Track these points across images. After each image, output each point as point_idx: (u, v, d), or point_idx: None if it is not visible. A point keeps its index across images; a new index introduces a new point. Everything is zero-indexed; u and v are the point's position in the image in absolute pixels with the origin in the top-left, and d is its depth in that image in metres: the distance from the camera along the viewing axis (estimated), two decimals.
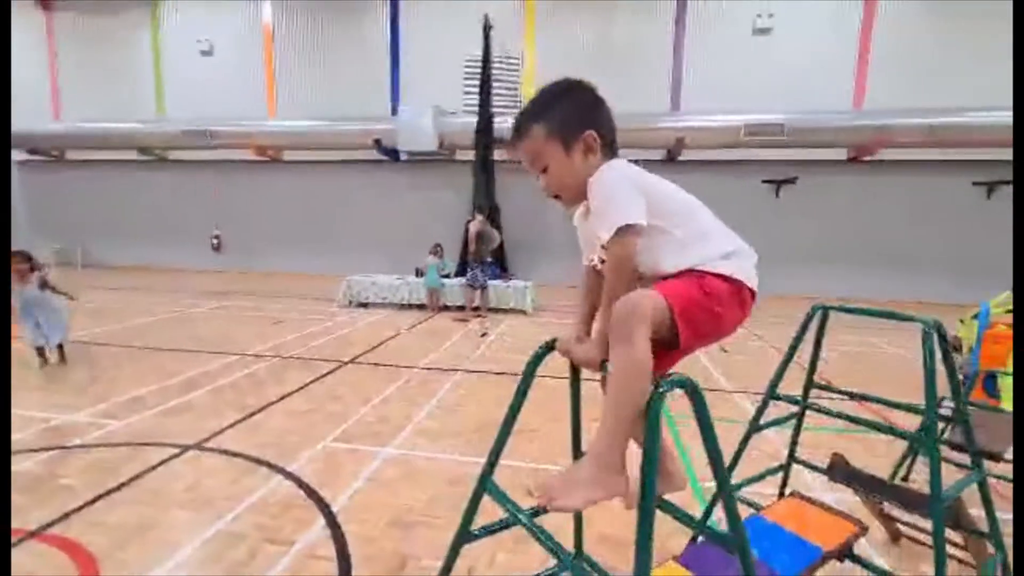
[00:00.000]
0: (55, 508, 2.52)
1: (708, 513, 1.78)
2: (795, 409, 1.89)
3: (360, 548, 2.26)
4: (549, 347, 1.20)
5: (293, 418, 3.78)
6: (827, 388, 1.81)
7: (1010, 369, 3.74)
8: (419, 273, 8.95)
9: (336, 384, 4.61)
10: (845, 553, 1.43)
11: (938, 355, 1.44)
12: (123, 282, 11.30)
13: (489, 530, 1.24)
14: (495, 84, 11.29)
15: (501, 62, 11.81)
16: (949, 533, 2.00)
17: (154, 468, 2.96)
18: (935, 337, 1.38)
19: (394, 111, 12.64)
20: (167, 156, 13.95)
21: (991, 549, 1.57)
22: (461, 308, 8.36)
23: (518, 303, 8.55)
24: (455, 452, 3.27)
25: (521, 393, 1.24)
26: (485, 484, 1.22)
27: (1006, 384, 3.67)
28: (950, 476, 1.70)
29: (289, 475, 2.91)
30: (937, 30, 10.77)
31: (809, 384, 1.77)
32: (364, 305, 8.85)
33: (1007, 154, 10.40)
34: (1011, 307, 5.62)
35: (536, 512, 1.12)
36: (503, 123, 11.19)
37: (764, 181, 11.52)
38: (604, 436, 1.03)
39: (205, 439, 3.37)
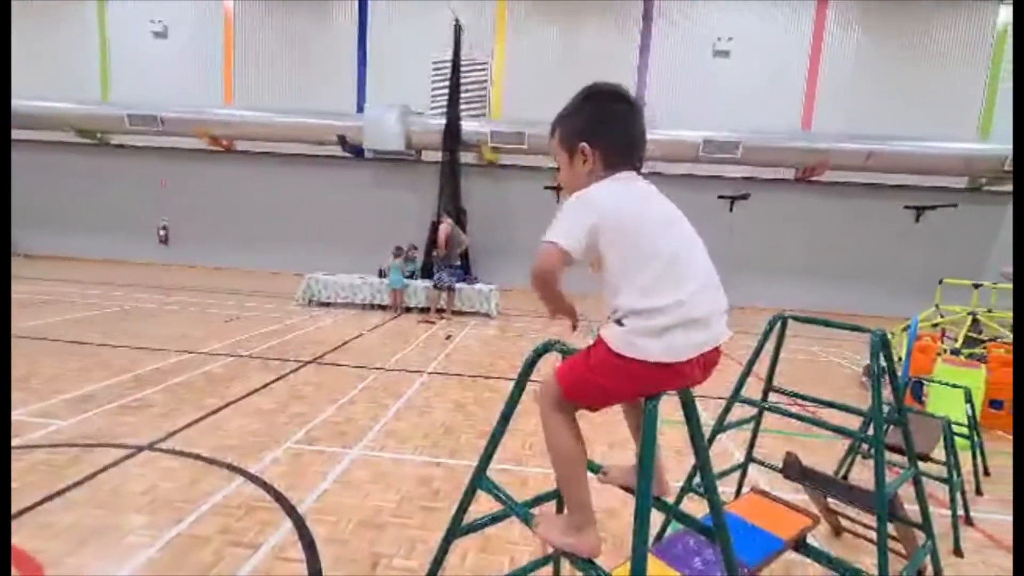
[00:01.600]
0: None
1: (677, 505, 1.90)
2: (750, 415, 2.04)
3: (330, 549, 2.25)
4: (546, 348, 1.25)
5: (255, 418, 3.67)
6: (783, 392, 1.96)
7: (935, 376, 4.11)
8: (382, 274, 8.85)
9: (299, 384, 4.51)
10: (802, 543, 1.57)
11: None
12: (56, 273, 10.56)
13: (481, 524, 1.29)
14: (463, 87, 11.33)
15: (470, 65, 11.86)
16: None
17: (105, 470, 2.82)
18: (882, 347, 1.55)
19: (360, 108, 12.45)
20: (109, 140, 13.14)
21: (920, 540, 1.76)
22: (425, 310, 8.32)
23: (482, 306, 8.59)
24: (424, 453, 3.28)
25: (517, 391, 1.29)
26: (480, 481, 1.26)
27: (932, 390, 4.04)
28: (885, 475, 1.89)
29: (252, 477, 2.84)
30: (878, 64, 11.66)
31: (768, 388, 1.92)
32: (325, 304, 8.66)
33: (934, 181, 11.39)
34: (935, 322, 6.15)
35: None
36: (470, 126, 11.26)
37: (719, 196, 12.07)
38: (567, 501, 1.19)
39: (160, 439, 3.23)
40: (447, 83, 11.07)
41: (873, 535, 2.17)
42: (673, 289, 1.05)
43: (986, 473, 3.43)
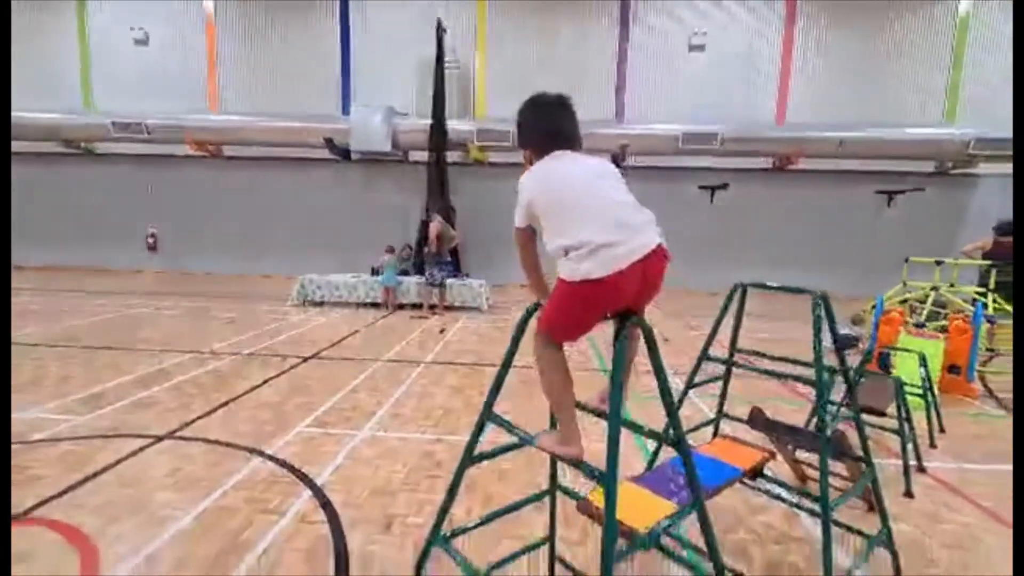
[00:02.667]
0: (31, 495, 2.55)
1: (657, 452, 2.16)
2: (716, 386, 2.31)
3: (348, 512, 2.48)
4: (536, 307, 1.49)
5: (263, 408, 3.87)
6: (747, 352, 2.23)
7: (899, 345, 4.44)
8: (375, 272, 9.04)
9: (302, 377, 4.71)
10: (758, 472, 1.84)
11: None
12: (45, 283, 10.57)
13: (492, 454, 1.53)
14: (447, 87, 11.51)
15: (453, 65, 12.04)
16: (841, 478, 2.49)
17: (129, 457, 3.01)
18: (823, 305, 1.82)
19: (345, 110, 12.58)
20: (94, 149, 13.12)
21: (863, 469, 2.04)
22: (417, 306, 8.53)
23: (473, 301, 8.82)
24: (426, 432, 3.52)
25: (514, 342, 1.52)
26: (489, 415, 1.49)
27: (897, 358, 4.36)
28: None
29: (269, 457, 3.05)
30: (847, 54, 12.08)
31: (733, 347, 2.18)
32: (319, 304, 8.82)
33: (905, 166, 11.84)
34: (903, 298, 6.51)
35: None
36: (456, 125, 11.46)
37: (700, 187, 12.42)
38: (558, 421, 1.49)
39: (176, 429, 3.43)
40: (431, 83, 11.24)
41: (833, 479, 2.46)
42: (592, 224, 1.33)
43: (941, 430, 3.75)
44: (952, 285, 6.11)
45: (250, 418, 3.67)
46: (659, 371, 1.30)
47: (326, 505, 2.53)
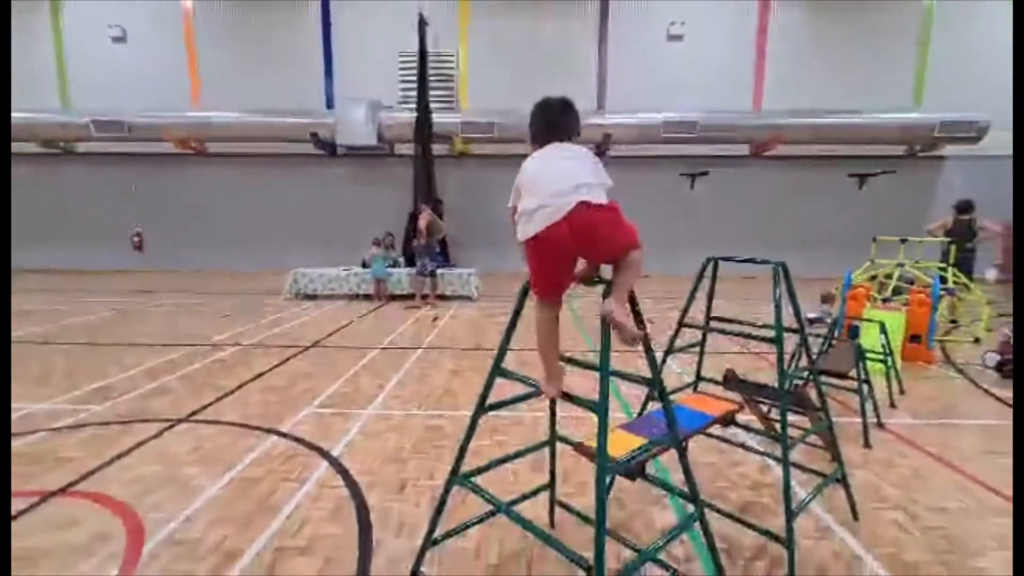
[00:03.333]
0: (66, 474, 2.74)
1: (641, 411, 2.43)
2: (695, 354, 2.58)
3: (364, 478, 2.71)
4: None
5: (271, 393, 4.07)
6: (721, 319, 2.49)
7: (866, 316, 4.78)
8: (365, 264, 9.19)
9: (304, 365, 4.90)
10: (729, 420, 2.11)
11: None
12: (33, 285, 10.51)
13: (502, 403, 1.77)
14: (431, 79, 11.61)
15: (436, 58, 12.14)
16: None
17: (151, 439, 3.20)
18: (781, 272, 2.09)
19: (329, 104, 12.61)
20: (74, 149, 12.97)
21: (822, 418, 2.34)
22: (410, 296, 8.72)
23: (464, 290, 9.04)
24: (428, 409, 3.76)
25: (515, 313, 1.76)
26: (499, 370, 1.72)
27: (863, 329, 4.69)
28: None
29: (284, 435, 3.27)
30: (820, 41, 12.45)
31: (707, 316, 2.45)
32: (312, 297, 8.97)
33: (876, 150, 12.29)
34: (871, 274, 6.90)
35: None
36: (441, 118, 11.58)
37: (681, 174, 12.74)
38: (543, 366, 1.81)
39: (191, 414, 3.61)
40: (415, 77, 11.34)
41: (796, 432, 2.76)
42: (537, 195, 1.61)
43: (901, 392, 4.10)
44: (917, 262, 6.50)
45: (260, 402, 3.87)
46: (638, 315, 1.55)
47: (343, 473, 2.76)
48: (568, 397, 1.61)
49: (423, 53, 11.26)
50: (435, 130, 11.32)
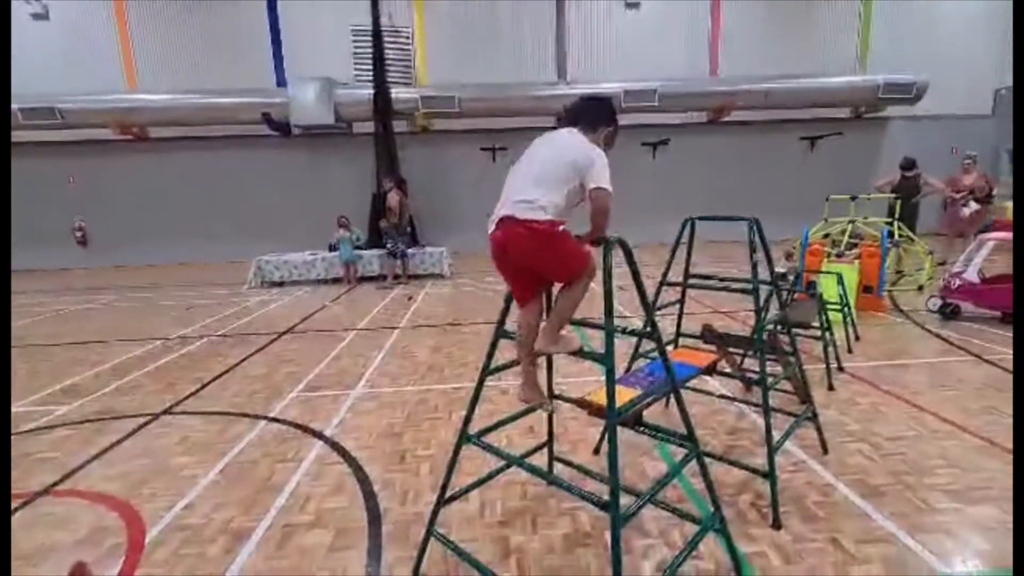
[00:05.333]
0: (47, 474, 2.65)
1: (638, 348, 2.57)
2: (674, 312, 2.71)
3: (362, 453, 2.75)
4: None
5: (252, 381, 4.01)
6: (699, 276, 2.62)
7: (823, 269, 5.06)
8: (332, 248, 9.00)
9: (282, 351, 4.82)
10: (713, 369, 2.26)
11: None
12: None
13: (504, 367, 1.83)
14: (387, 53, 11.24)
15: (391, 31, 11.73)
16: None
17: (133, 433, 3.12)
18: (755, 227, 2.21)
19: (280, 82, 12.06)
20: None
21: (792, 362, 2.52)
22: (380, 278, 8.61)
23: (435, 268, 9.00)
24: (416, 384, 3.79)
25: (508, 297, 1.79)
26: (501, 332, 1.77)
27: (821, 282, 4.98)
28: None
29: (273, 419, 3.25)
30: (772, 7, 12.69)
31: (686, 274, 2.57)
32: (279, 284, 8.74)
33: (825, 113, 12.76)
34: (825, 233, 7.25)
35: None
36: (400, 94, 11.28)
37: (643, 144, 12.91)
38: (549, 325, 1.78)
39: (170, 407, 3.53)
40: (370, 52, 10.94)
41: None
42: (504, 194, 1.65)
43: (857, 338, 4.41)
44: (866, 218, 6.89)
45: (241, 391, 3.81)
46: (636, 276, 1.62)
47: (340, 451, 2.78)
48: (579, 352, 1.67)
49: (377, 27, 10.86)
50: (395, 106, 11.02)
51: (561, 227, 1.58)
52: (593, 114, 1.77)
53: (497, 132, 12.17)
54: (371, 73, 10.92)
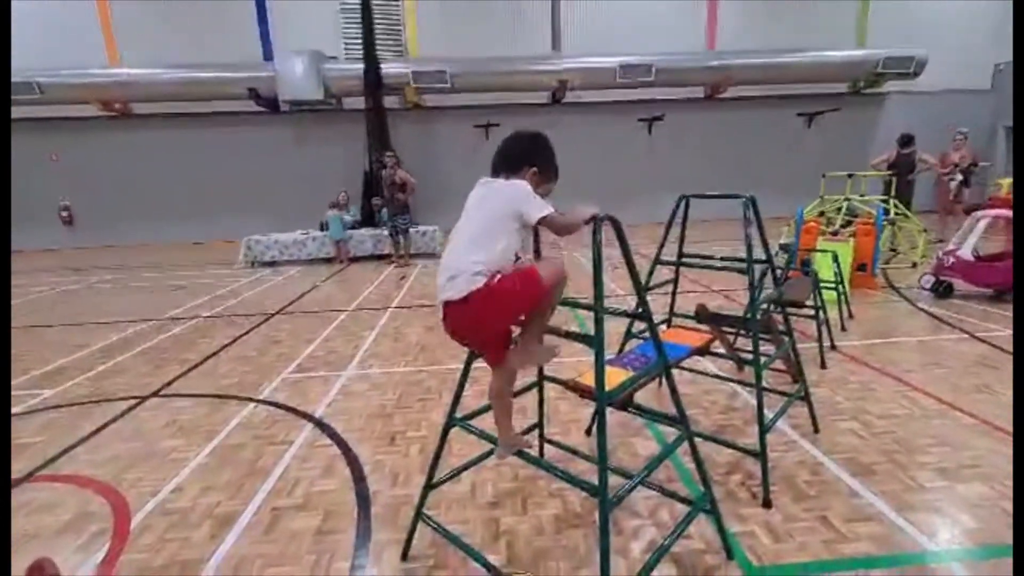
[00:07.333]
0: (30, 459, 2.61)
1: (630, 329, 2.54)
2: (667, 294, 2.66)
3: (352, 435, 2.72)
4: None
5: (242, 362, 3.96)
6: (692, 255, 2.57)
7: (819, 248, 5.02)
8: (323, 227, 8.87)
9: (272, 333, 4.77)
10: (705, 350, 2.23)
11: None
12: None
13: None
14: (376, 26, 10.90)
15: (381, 3, 11.35)
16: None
17: (120, 416, 3.08)
18: (751, 205, 2.15)
19: (267, 56, 11.71)
20: None
21: (785, 342, 2.50)
22: (378, 257, 8.50)
23: (428, 247, 8.90)
24: (408, 366, 3.76)
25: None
26: None
27: (816, 260, 4.95)
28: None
29: (262, 401, 3.21)
30: None
31: (680, 253, 2.52)
32: (270, 264, 8.63)
33: (822, 88, 12.56)
34: (820, 211, 7.20)
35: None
36: (390, 68, 10.98)
37: (639, 120, 12.70)
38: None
39: (159, 389, 3.48)
40: (359, 24, 10.60)
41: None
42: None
43: (850, 316, 4.40)
44: (862, 195, 6.83)
45: (230, 372, 3.76)
46: (627, 256, 1.56)
47: (330, 433, 2.76)
48: (569, 334, 1.62)
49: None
50: (385, 81, 10.74)
51: (498, 276, 1.43)
52: (513, 158, 1.58)
53: (490, 108, 11.92)
54: (361, 46, 10.60)
